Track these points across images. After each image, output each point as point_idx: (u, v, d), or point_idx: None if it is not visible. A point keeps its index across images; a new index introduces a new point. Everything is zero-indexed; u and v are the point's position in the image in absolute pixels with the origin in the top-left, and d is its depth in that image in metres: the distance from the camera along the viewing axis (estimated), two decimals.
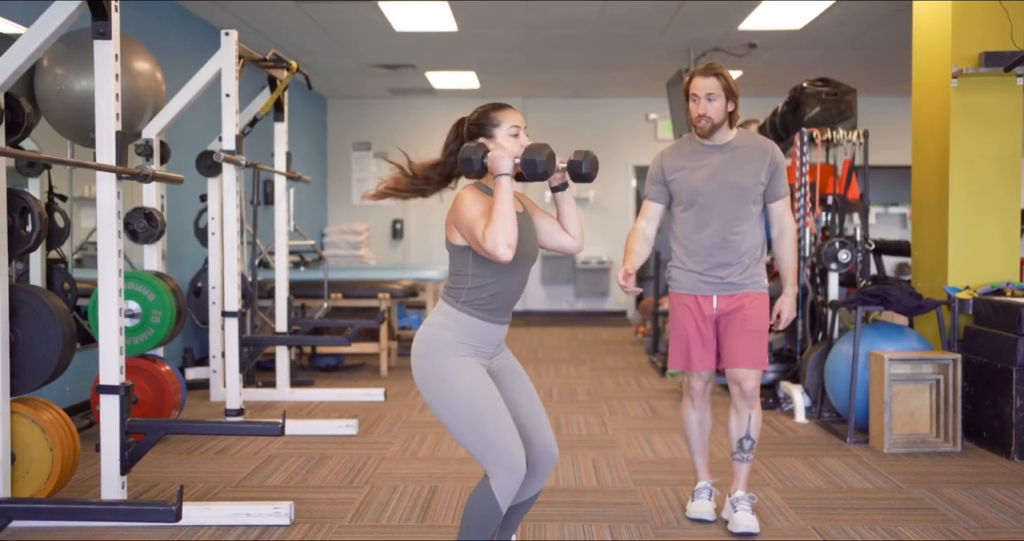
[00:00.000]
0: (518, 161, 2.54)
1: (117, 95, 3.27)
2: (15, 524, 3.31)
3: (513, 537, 2.91)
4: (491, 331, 2.62)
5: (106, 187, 3.31)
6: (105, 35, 3.24)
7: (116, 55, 3.26)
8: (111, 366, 3.33)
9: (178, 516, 2.79)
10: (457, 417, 2.54)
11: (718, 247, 3.37)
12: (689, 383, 3.52)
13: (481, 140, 2.62)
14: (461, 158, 2.55)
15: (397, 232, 11.63)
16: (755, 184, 3.38)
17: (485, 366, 2.64)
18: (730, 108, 3.34)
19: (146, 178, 3.32)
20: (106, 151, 3.27)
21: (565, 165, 2.64)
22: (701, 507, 3.52)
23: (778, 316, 3.44)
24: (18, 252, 3.45)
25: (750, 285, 3.40)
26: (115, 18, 3.26)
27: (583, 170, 2.62)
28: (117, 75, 3.27)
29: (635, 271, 3.34)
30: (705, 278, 3.39)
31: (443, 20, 7.36)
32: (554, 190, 2.74)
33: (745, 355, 3.38)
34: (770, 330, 3.48)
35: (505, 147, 2.60)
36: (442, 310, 2.62)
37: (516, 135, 2.63)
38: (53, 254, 4.87)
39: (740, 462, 3.48)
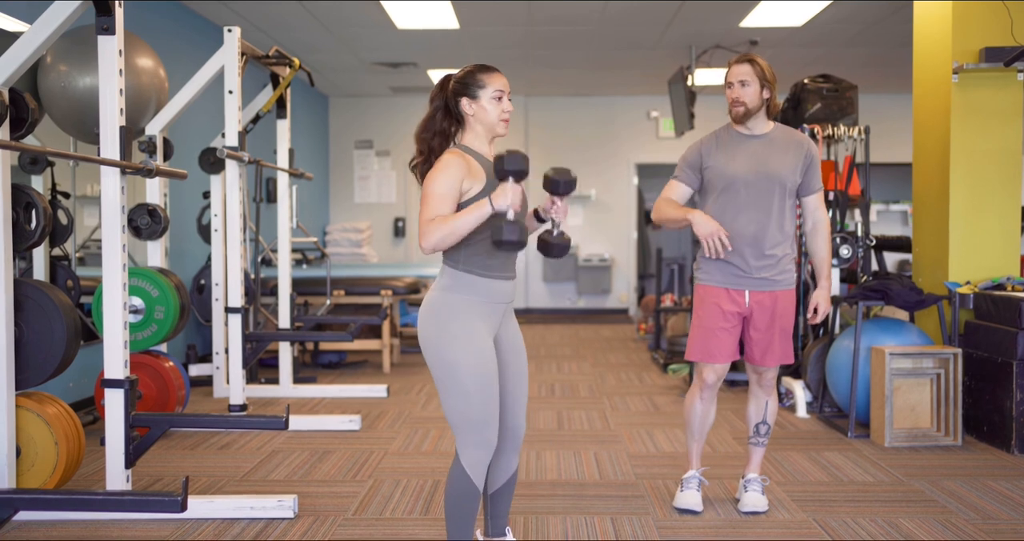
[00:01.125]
0: (504, 208, 2.51)
1: (121, 90, 3.29)
2: (21, 515, 3.34)
3: (507, 531, 2.94)
4: (498, 286, 2.67)
5: (110, 182, 3.33)
6: (109, 31, 3.25)
7: (120, 51, 3.28)
8: (115, 360, 3.35)
9: (183, 507, 2.81)
10: (449, 390, 2.61)
11: (753, 237, 3.37)
12: (702, 374, 3.52)
13: (464, 100, 2.66)
14: (508, 169, 2.52)
15: (399, 230, 11.65)
16: (791, 176, 3.40)
17: (494, 331, 2.68)
18: (765, 95, 3.37)
19: (150, 173, 3.34)
20: (110, 146, 3.29)
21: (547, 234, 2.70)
22: (689, 498, 3.55)
23: (815, 311, 3.46)
24: (22, 247, 3.47)
25: (782, 282, 3.44)
26: (119, 14, 3.28)
27: (560, 190, 2.67)
28: (121, 70, 3.29)
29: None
30: (738, 271, 3.40)
31: (445, 18, 7.38)
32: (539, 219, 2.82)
33: (776, 353, 3.48)
34: (799, 322, 3.51)
35: (487, 110, 2.65)
36: (445, 274, 2.67)
37: (499, 99, 2.68)
38: (56, 251, 4.89)
39: (756, 446, 3.61)
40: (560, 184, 2.61)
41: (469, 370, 2.58)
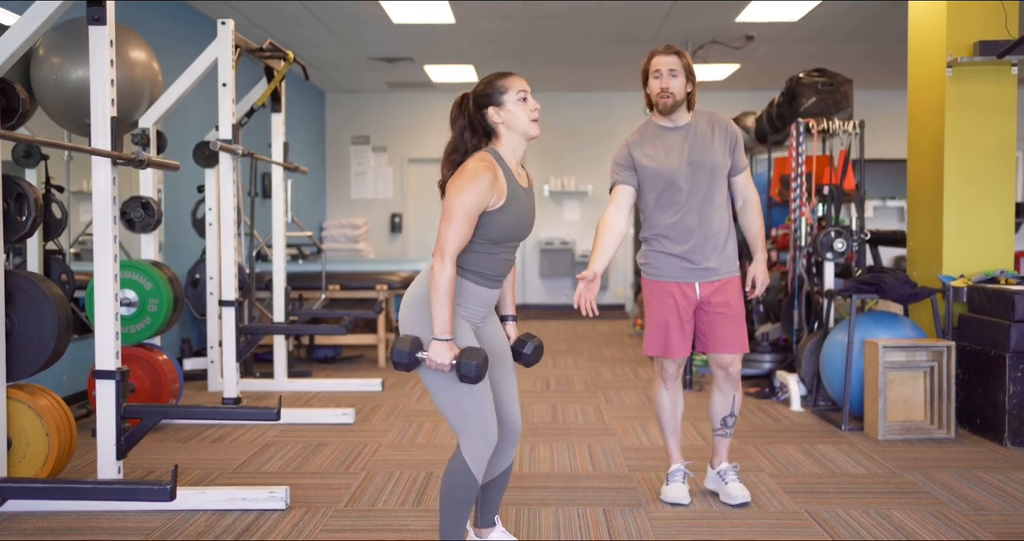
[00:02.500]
0: (454, 362, 2.51)
1: (112, 81, 3.29)
2: (12, 506, 3.33)
3: (497, 520, 2.94)
4: (484, 293, 2.67)
5: (101, 173, 3.32)
6: (100, 21, 3.25)
7: (111, 41, 3.28)
8: (107, 351, 3.35)
9: (172, 495, 2.81)
10: (441, 386, 2.59)
11: (696, 227, 3.35)
12: (663, 367, 3.53)
13: (491, 109, 2.62)
14: (393, 362, 2.53)
15: (396, 226, 11.64)
16: (723, 161, 3.39)
17: (473, 328, 2.68)
18: (688, 89, 3.34)
19: (141, 164, 3.34)
20: (101, 136, 3.28)
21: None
22: (677, 491, 3.53)
23: (753, 284, 3.45)
24: (14, 238, 3.46)
25: (727, 270, 3.42)
26: (110, 4, 3.27)
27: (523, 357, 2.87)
28: (112, 61, 3.28)
29: (601, 271, 3.24)
30: (685, 263, 3.38)
31: (441, 13, 7.37)
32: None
33: (732, 342, 3.45)
34: (747, 301, 3.51)
35: (515, 114, 2.61)
36: None
37: (524, 100, 2.64)
38: (51, 245, 4.88)
39: (723, 437, 3.61)
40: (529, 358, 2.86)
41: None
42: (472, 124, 2.65)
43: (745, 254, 6.08)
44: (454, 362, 2.50)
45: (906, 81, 5.52)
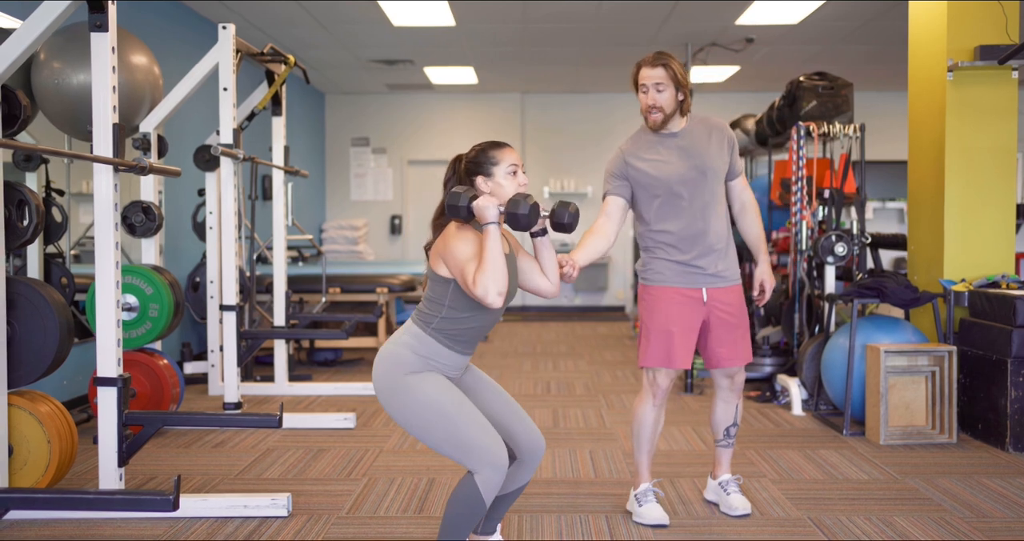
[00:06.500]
0: (503, 209, 2.54)
1: (114, 87, 3.28)
2: (12, 515, 3.33)
3: (498, 527, 2.93)
4: (456, 359, 2.67)
5: (102, 179, 3.31)
6: (102, 27, 3.24)
7: (113, 47, 3.27)
8: (108, 358, 3.34)
9: (175, 505, 2.80)
10: (428, 426, 2.57)
11: (701, 233, 3.29)
12: (656, 381, 3.36)
13: (479, 179, 2.63)
14: (448, 204, 2.55)
15: (395, 228, 11.63)
16: (723, 164, 3.35)
17: (450, 379, 2.68)
18: (680, 97, 3.27)
19: (143, 170, 3.33)
20: (103, 143, 3.27)
21: (547, 214, 2.67)
22: (655, 511, 3.37)
23: (761, 290, 3.42)
24: (15, 245, 3.46)
25: (731, 277, 3.37)
26: (112, 10, 3.26)
27: (565, 221, 2.66)
28: (114, 67, 3.27)
29: (583, 264, 3.12)
30: (690, 269, 3.30)
31: (441, 15, 7.36)
32: (533, 235, 2.74)
33: (740, 353, 3.40)
34: (753, 307, 3.47)
35: (503, 186, 2.62)
36: (410, 331, 2.65)
37: (514, 173, 2.65)
38: (51, 249, 4.87)
39: (726, 448, 3.58)
40: (565, 215, 2.66)
41: (437, 395, 2.56)
42: None
43: (746, 257, 6.13)
44: (502, 209, 2.54)
45: (906, 82, 5.52)
